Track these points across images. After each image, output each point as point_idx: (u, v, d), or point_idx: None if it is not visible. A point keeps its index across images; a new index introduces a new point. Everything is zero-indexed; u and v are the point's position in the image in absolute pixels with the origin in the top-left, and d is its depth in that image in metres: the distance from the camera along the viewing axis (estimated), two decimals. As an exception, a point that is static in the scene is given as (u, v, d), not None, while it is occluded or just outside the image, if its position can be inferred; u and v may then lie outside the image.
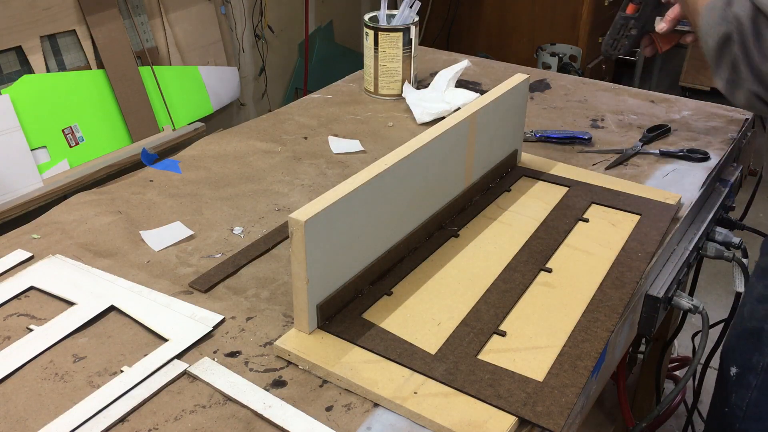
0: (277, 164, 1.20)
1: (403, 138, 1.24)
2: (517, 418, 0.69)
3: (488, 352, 0.77)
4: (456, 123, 0.95)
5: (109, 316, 0.84)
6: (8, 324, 0.83)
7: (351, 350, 0.77)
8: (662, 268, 0.95)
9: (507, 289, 0.86)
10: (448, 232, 0.98)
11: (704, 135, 1.28)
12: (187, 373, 0.76)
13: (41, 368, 0.77)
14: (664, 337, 1.48)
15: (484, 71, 1.59)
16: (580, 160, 1.21)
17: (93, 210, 1.05)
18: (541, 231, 0.98)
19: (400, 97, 1.46)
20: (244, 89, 2.69)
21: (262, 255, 0.96)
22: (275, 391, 0.73)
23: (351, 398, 0.73)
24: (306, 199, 1.08)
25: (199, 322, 0.82)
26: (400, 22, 1.44)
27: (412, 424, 0.70)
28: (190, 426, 0.69)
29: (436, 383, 0.73)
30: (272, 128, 1.33)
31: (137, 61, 2.14)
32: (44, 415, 0.71)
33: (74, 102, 1.98)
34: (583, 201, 1.05)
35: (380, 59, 1.43)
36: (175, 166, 1.18)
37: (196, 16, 2.36)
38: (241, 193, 1.11)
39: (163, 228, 1.01)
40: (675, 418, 1.75)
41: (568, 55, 2.85)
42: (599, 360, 0.77)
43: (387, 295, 0.86)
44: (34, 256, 0.95)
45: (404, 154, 0.86)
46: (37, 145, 1.89)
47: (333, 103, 1.44)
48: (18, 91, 1.85)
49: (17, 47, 1.87)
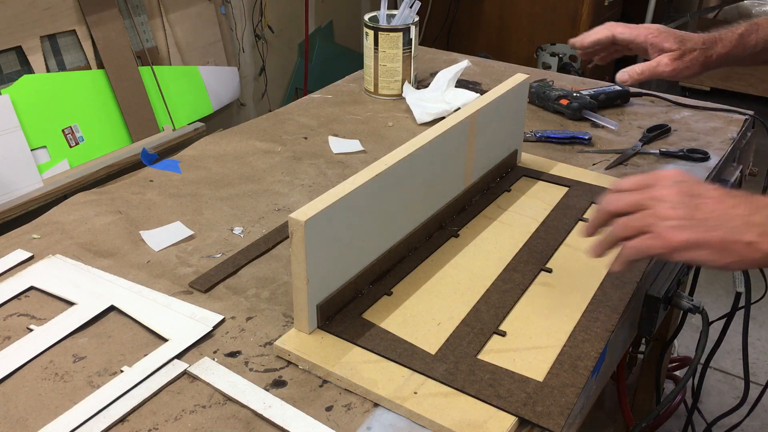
0: (277, 164, 1.20)
1: (403, 138, 1.24)
2: (517, 418, 0.69)
3: (488, 352, 0.77)
4: (456, 123, 0.95)
5: (109, 316, 0.84)
6: (8, 324, 0.83)
7: (351, 350, 0.77)
8: (662, 268, 0.95)
9: (507, 289, 0.86)
10: (448, 232, 0.98)
11: (704, 135, 1.28)
12: (187, 373, 0.76)
13: (41, 368, 0.77)
14: (664, 337, 1.48)
15: (484, 71, 1.59)
16: (580, 160, 1.21)
17: (93, 210, 1.05)
18: (541, 231, 0.98)
19: (400, 97, 1.46)
20: (244, 89, 2.69)
21: (262, 255, 0.96)
22: (275, 391, 0.73)
23: (351, 398, 0.73)
24: (306, 199, 1.08)
25: (199, 322, 0.82)
26: (400, 22, 1.44)
27: (412, 424, 0.70)
28: (190, 426, 0.69)
29: (436, 383, 0.73)
30: (272, 128, 1.33)
31: (137, 61, 2.14)
32: (44, 415, 0.71)
33: (74, 102, 1.98)
34: (583, 201, 1.05)
35: (380, 59, 1.43)
36: (175, 166, 1.18)
37: (196, 16, 2.36)
38: (241, 193, 1.11)
39: (163, 228, 1.01)
40: (675, 418, 1.75)
41: (568, 55, 2.85)
42: (599, 360, 0.77)
43: (387, 295, 0.86)
44: (34, 256, 0.95)
45: (404, 154, 0.86)
46: (37, 145, 1.88)
47: (333, 103, 1.44)
48: (18, 91, 1.85)
49: (17, 47, 1.87)
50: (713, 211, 0.69)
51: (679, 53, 1.03)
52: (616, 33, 1.07)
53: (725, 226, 0.68)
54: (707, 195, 0.70)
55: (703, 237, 0.68)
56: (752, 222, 0.67)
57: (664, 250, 0.69)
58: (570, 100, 1.34)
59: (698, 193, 0.70)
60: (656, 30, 1.04)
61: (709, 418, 1.51)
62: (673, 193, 0.70)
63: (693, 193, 0.70)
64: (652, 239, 0.70)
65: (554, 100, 1.36)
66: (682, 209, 0.69)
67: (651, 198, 0.71)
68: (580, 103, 1.33)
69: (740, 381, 1.91)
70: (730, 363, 2.05)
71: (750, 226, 0.67)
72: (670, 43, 1.03)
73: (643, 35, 1.05)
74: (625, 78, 1.06)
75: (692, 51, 1.02)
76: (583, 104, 1.33)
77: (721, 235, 0.68)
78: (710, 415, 1.56)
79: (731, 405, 1.33)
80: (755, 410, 1.34)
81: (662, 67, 1.03)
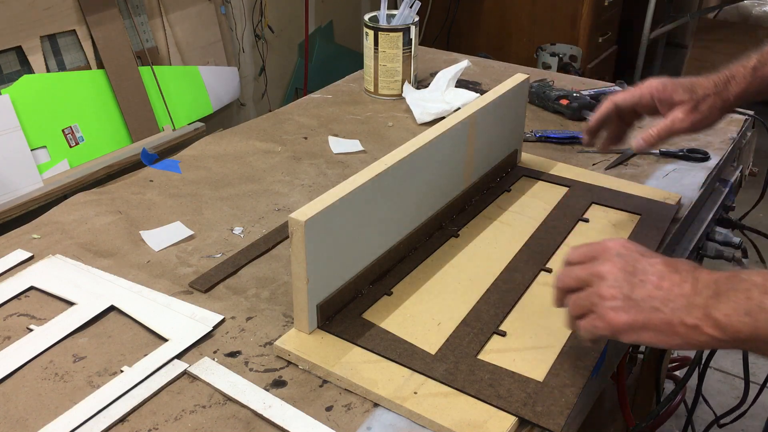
0: (277, 164, 1.20)
1: (403, 138, 1.24)
2: (517, 418, 0.69)
3: (488, 352, 0.77)
4: (456, 123, 0.95)
5: (109, 316, 0.84)
6: (8, 324, 0.83)
7: (351, 350, 0.77)
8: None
9: (507, 289, 0.86)
10: (448, 232, 0.98)
11: (704, 135, 1.28)
12: (187, 373, 0.76)
13: (41, 368, 0.77)
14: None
15: (484, 71, 1.59)
16: (580, 160, 1.21)
17: (93, 210, 1.05)
18: (541, 231, 0.98)
19: (400, 97, 1.46)
20: (244, 89, 2.69)
21: (262, 255, 0.96)
22: (275, 391, 0.73)
23: (351, 398, 0.73)
24: (306, 199, 1.08)
25: (199, 322, 0.82)
26: (400, 22, 1.44)
27: (412, 424, 0.70)
28: (190, 426, 0.69)
29: (436, 383, 0.73)
30: (272, 128, 1.33)
31: (137, 61, 2.14)
32: (44, 415, 0.71)
33: (74, 102, 1.98)
34: (583, 201, 1.05)
35: (380, 59, 1.43)
36: (175, 166, 1.18)
37: (196, 16, 2.36)
38: (241, 193, 1.11)
39: (163, 228, 1.01)
40: (675, 418, 1.75)
41: (568, 55, 2.85)
42: (599, 360, 0.77)
43: (387, 295, 0.86)
44: (34, 256, 0.95)
45: (404, 154, 0.86)
46: (37, 145, 1.88)
47: (333, 103, 1.44)
48: (18, 91, 1.85)
49: (17, 47, 1.87)
50: (656, 289, 0.64)
51: (692, 104, 0.90)
52: (617, 102, 0.96)
53: (667, 307, 0.63)
54: (649, 271, 0.66)
55: (645, 318, 0.64)
56: (695, 303, 0.62)
57: (608, 332, 0.66)
58: (570, 100, 1.34)
59: (640, 268, 0.66)
60: (660, 84, 0.92)
61: (709, 418, 1.51)
62: (614, 269, 0.67)
63: (635, 269, 0.66)
64: (596, 320, 0.66)
65: (554, 100, 1.36)
66: (621, 288, 0.65)
67: (593, 274, 0.68)
68: (580, 103, 1.33)
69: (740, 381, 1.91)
70: (730, 363, 2.05)
71: (693, 307, 0.62)
72: (679, 94, 0.91)
73: (648, 93, 0.93)
74: (641, 144, 0.95)
75: (706, 98, 0.90)
76: (583, 104, 1.33)
77: (663, 317, 0.63)
78: (710, 415, 1.56)
79: (731, 405, 1.33)
80: (755, 410, 1.34)
81: (679, 124, 0.91)
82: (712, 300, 0.61)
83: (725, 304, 0.60)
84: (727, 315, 0.59)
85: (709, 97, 0.90)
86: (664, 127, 0.92)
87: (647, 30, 3.16)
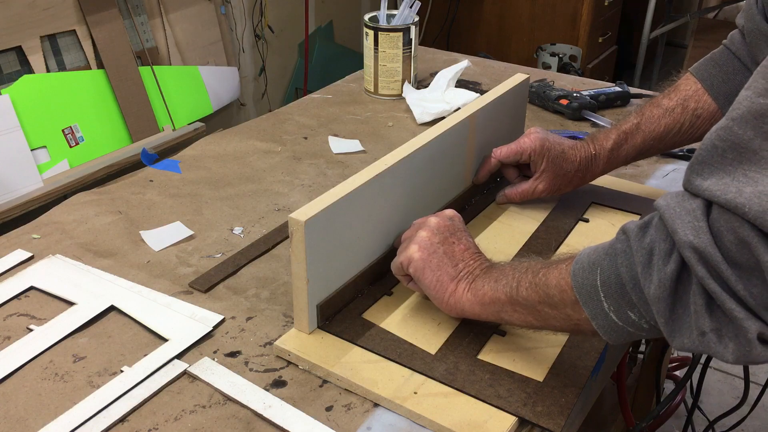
0: (277, 164, 1.20)
1: (403, 138, 1.24)
2: (517, 418, 0.69)
3: (488, 352, 0.77)
4: (456, 123, 0.95)
5: (109, 316, 0.84)
6: (8, 324, 0.83)
7: (351, 350, 0.77)
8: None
9: (507, 289, 0.86)
10: (448, 232, 0.98)
11: (704, 135, 1.28)
12: (187, 373, 0.76)
13: (41, 368, 0.77)
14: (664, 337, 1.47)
15: (484, 71, 1.59)
16: (580, 160, 1.20)
17: (93, 210, 1.05)
18: (541, 231, 0.98)
19: (400, 97, 1.46)
20: (244, 89, 2.69)
21: (262, 255, 0.96)
22: (275, 391, 0.73)
23: (351, 398, 0.73)
24: (306, 199, 1.08)
25: (199, 322, 0.82)
26: (400, 22, 1.44)
27: (412, 424, 0.70)
28: (190, 426, 0.69)
29: (436, 383, 0.73)
30: (272, 128, 1.33)
31: (137, 61, 2.14)
32: (44, 415, 0.71)
33: (74, 102, 1.98)
34: (583, 201, 1.05)
35: (380, 59, 1.43)
36: (175, 166, 1.18)
37: (196, 16, 2.36)
38: (241, 193, 1.11)
39: (163, 228, 1.01)
40: (675, 418, 1.75)
41: (568, 55, 2.85)
42: (599, 360, 0.77)
43: (387, 295, 0.86)
44: (34, 256, 0.95)
45: (404, 154, 0.86)
46: (37, 145, 1.88)
47: (333, 103, 1.44)
48: (18, 91, 1.85)
49: (17, 47, 1.87)
50: (458, 252, 0.78)
51: (556, 175, 0.99)
52: (500, 159, 1.01)
53: (455, 266, 0.76)
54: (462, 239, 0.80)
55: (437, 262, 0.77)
56: (474, 274, 0.76)
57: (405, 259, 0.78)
58: (570, 100, 1.34)
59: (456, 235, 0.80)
60: (539, 146, 0.98)
61: (709, 418, 1.51)
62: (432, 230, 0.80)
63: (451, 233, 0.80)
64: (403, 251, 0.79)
65: (554, 100, 1.36)
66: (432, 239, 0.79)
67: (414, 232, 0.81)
68: (580, 103, 1.33)
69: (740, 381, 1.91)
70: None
71: (470, 275, 0.76)
72: (548, 161, 0.98)
73: (527, 151, 0.98)
74: (503, 199, 1.04)
75: (568, 173, 0.99)
76: (583, 104, 1.33)
77: (448, 271, 0.76)
78: (710, 415, 1.56)
79: (731, 405, 1.33)
80: (755, 410, 1.34)
81: (538, 193, 1.01)
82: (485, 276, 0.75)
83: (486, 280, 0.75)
84: (482, 284, 0.74)
85: (570, 173, 0.99)
86: (525, 192, 1.02)
87: (647, 30, 3.16)
